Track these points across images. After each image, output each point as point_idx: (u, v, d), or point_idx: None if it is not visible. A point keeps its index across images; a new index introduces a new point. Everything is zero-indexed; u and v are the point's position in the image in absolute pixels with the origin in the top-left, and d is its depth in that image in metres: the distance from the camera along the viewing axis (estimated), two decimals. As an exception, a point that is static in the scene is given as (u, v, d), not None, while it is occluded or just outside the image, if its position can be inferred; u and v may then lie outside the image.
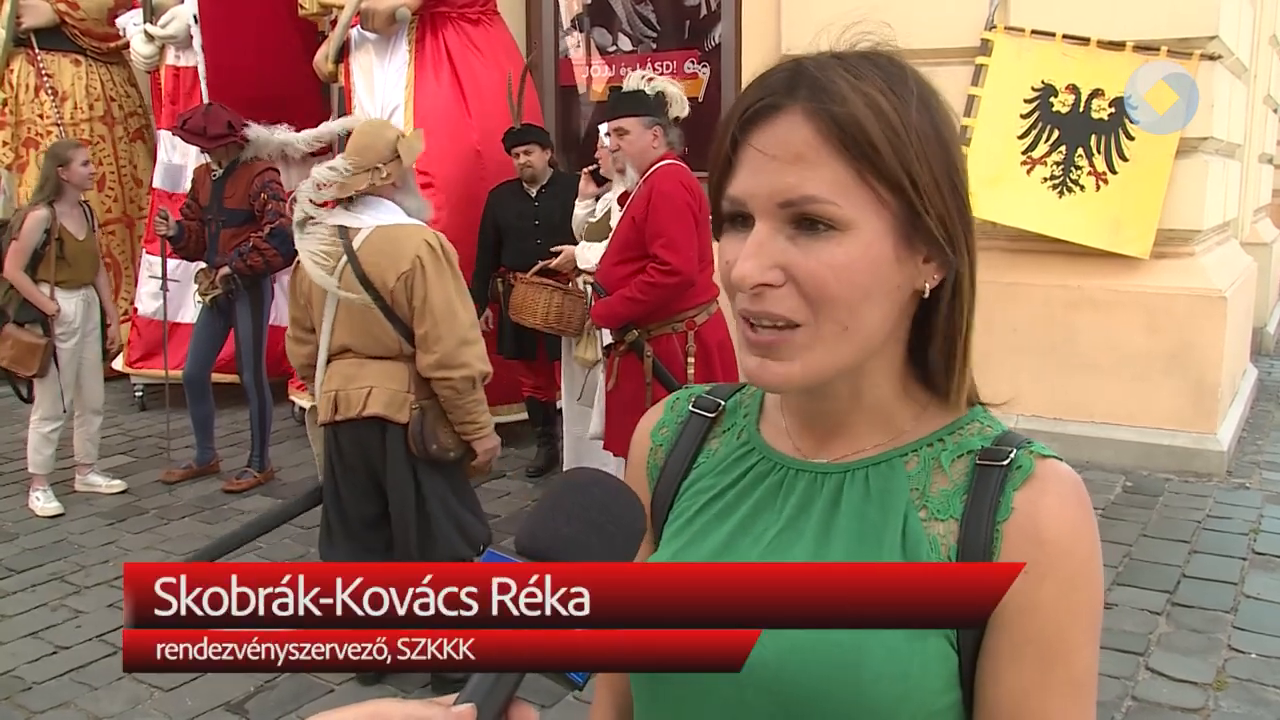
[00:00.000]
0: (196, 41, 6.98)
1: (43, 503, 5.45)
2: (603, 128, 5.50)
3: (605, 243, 5.07)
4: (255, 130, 5.63)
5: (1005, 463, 0.92)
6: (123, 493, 5.68)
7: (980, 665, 0.90)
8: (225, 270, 5.52)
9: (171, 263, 6.21)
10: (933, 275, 0.93)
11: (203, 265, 5.76)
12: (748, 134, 0.91)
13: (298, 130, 5.85)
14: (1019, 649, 0.88)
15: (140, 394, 7.32)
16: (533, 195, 5.64)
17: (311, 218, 3.57)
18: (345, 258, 3.54)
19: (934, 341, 0.96)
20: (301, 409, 6.43)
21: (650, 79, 4.41)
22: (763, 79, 0.92)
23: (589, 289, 4.53)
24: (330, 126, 5.35)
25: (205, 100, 6.56)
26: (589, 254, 4.93)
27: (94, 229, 5.66)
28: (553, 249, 5.27)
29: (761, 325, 0.90)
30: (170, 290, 6.12)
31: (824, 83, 0.88)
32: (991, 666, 0.89)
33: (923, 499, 0.94)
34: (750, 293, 0.90)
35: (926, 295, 0.93)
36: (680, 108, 4.42)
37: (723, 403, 1.10)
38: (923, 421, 0.98)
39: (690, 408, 1.11)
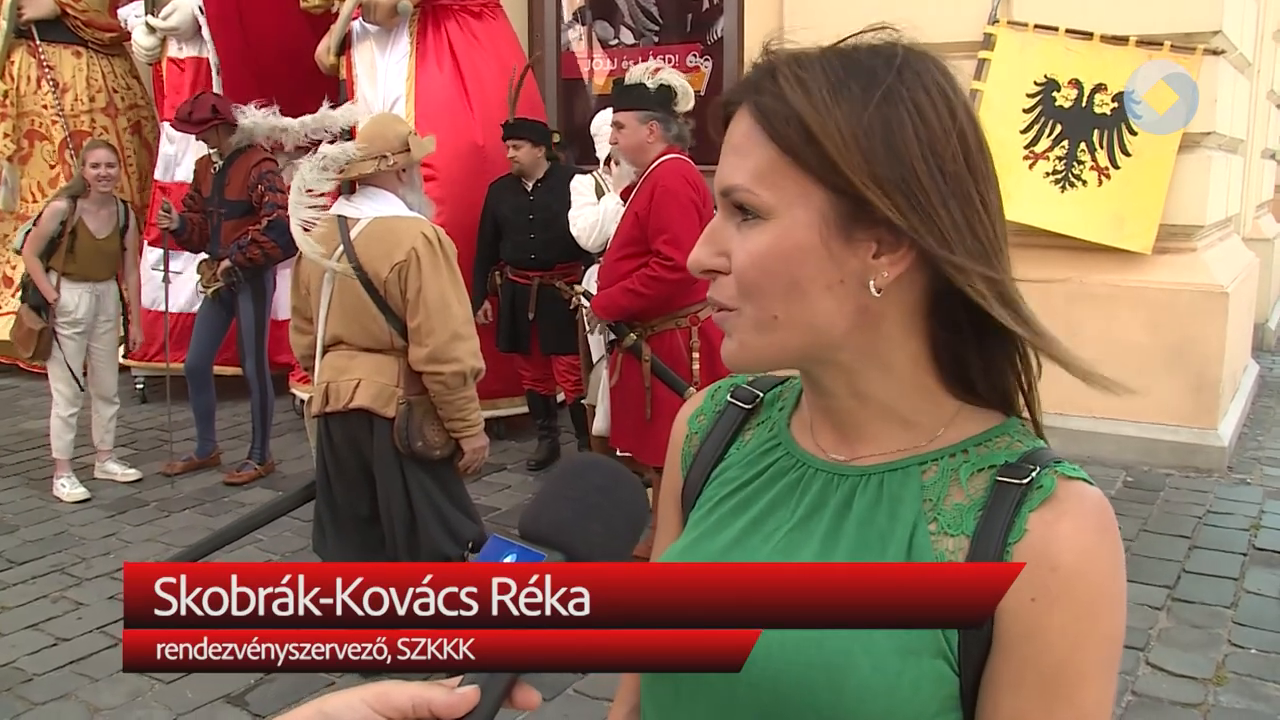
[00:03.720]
0: (205, 31, 6.98)
1: (68, 489, 5.52)
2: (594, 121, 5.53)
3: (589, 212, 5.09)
4: (247, 114, 5.61)
5: (1025, 481, 0.88)
6: (128, 483, 5.71)
7: (981, 689, 0.87)
8: (226, 263, 5.53)
9: (173, 254, 6.21)
10: (882, 273, 0.88)
11: (205, 257, 5.77)
12: (723, 131, 0.95)
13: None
14: (1020, 676, 0.85)
15: (141, 386, 7.33)
16: (529, 189, 5.64)
17: (310, 189, 3.56)
18: (341, 247, 3.53)
19: (952, 347, 0.94)
20: (301, 401, 6.44)
21: (657, 70, 4.36)
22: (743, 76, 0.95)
23: (584, 300, 4.55)
24: (331, 114, 5.34)
25: (210, 91, 6.56)
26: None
27: (124, 230, 5.63)
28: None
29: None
30: (172, 282, 6.11)
31: (765, 75, 0.90)
32: (992, 692, 0.87)
33: (935, 511, 0.91)
34: (700, 277, 0.93)
35: (877, 293, 0.89)
36: (685, 101, 4.38)
37: (761, 395, 1.10)
38: (953, 429, 0.95)
39: (729, 398, 1.11)
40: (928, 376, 0.95)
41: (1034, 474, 0.89)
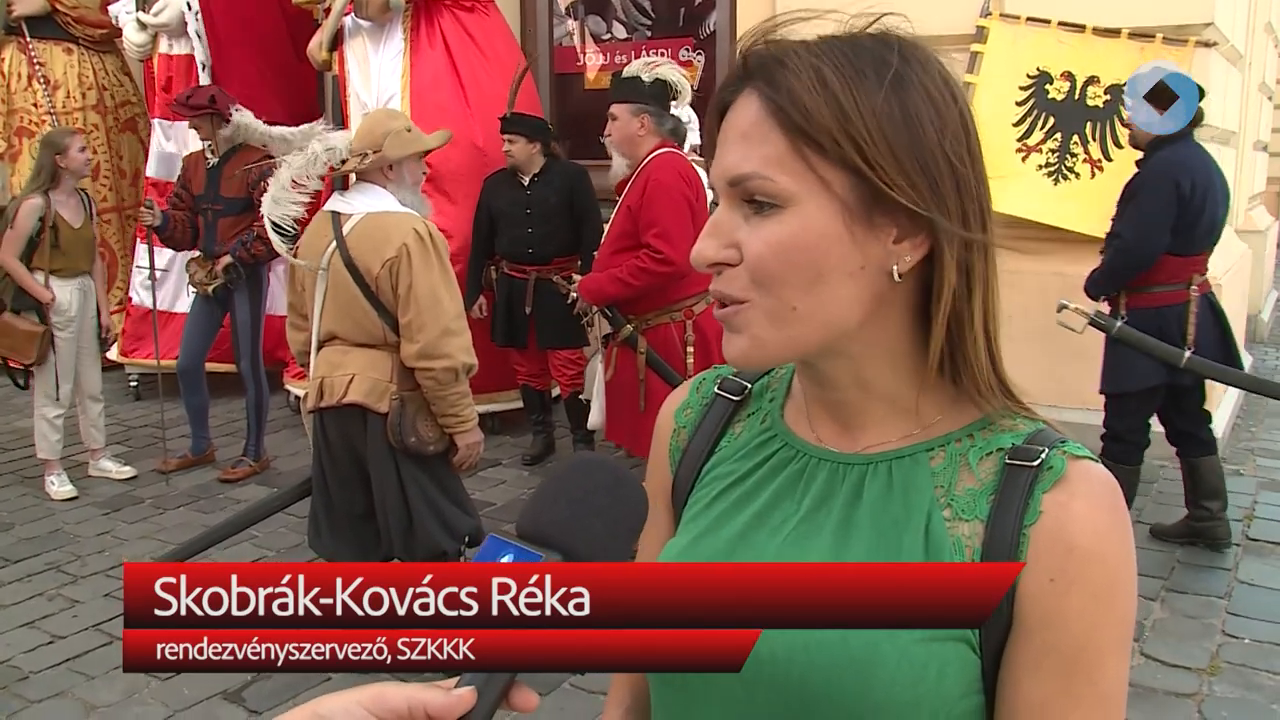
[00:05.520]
0: (192, 28, 6.95)
1: (57, 487, 5.52)
2: None
3: None
4: (243, 116, 5.58)
5: (1036, 463, 0.88)
6: (124, 480, 5.70)
7: (1002, 671, 0.87)
8: (227, 260, 5.50)
9: (163, 253, 6.19)
10: (904, 258, 0.88)
11: (194, 254, 5.74)
12: (718, 121, 0.92)
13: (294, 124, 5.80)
14: (1040, 658, 0.85)
15: (135, 384, 7.31)
16: (525, 183, 5.64)
17: (297, 182, 3.56)
18: (334, 242, 3.53)
19: (933, 331, 0.92)
20: (297, 398, 6.44)
21: (656, 65, 4.36)
22: (735, 64, 0.92)
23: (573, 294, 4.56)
24: (326, 135, 5.29)
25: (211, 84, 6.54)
26: None
27: (92, 217, 5.65)
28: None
29: (724, 303, 0.91)
30: (159, 279, 6.08)
31: (772, 63, 0.88)
32: (1012, 674, 0.87)
33: (948, 497, 0.91)
34: (711, 271, 0.90)
35: (898, 279, 0.88)
36: (683, 96, 4.38)
37: (749, 386, 1.07)
38: (951, 415, 0.94)
39: (716, 390, 1.09)
40: (926, 364, 0.94)
41: (1043, 455, 0.89)
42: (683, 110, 4.91)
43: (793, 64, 0.87)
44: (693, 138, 5.11)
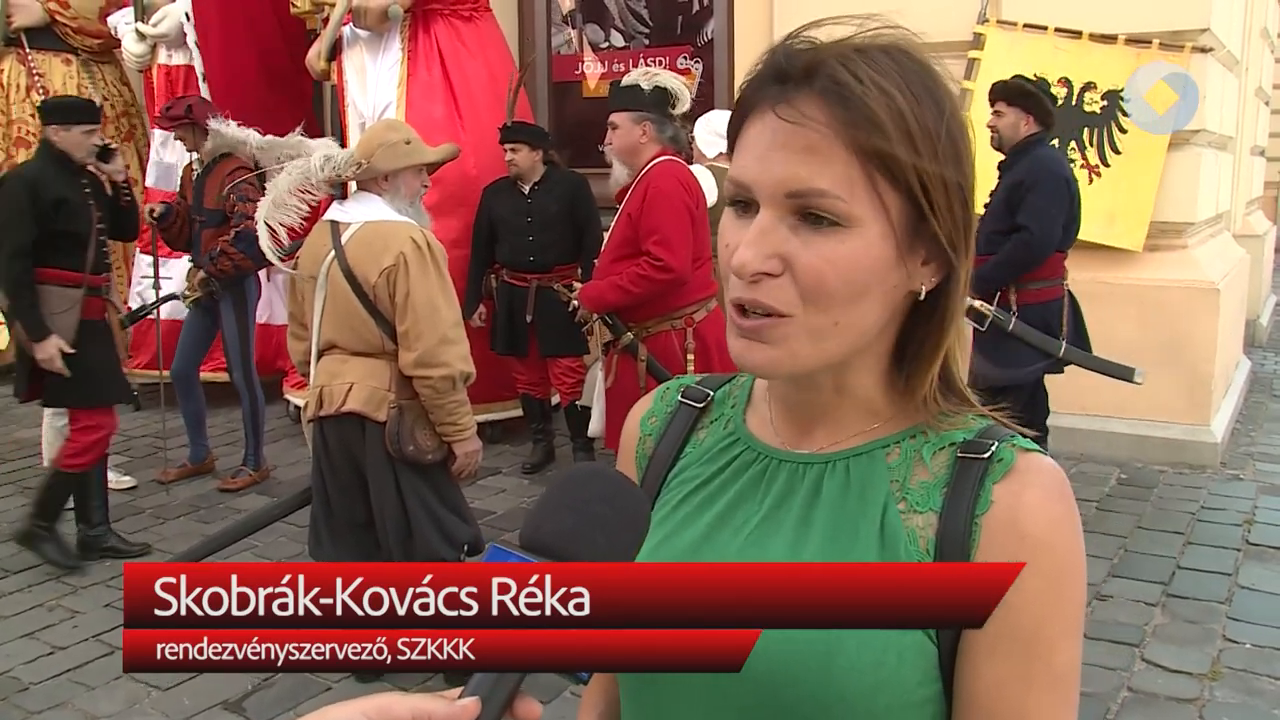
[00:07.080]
0: (190, 39, 6.97)
1: None
2: None
3: None
4: (219, 125, 5.57)
5: (986, 455, 0.91)
6: (124, 490, 5.69)
7: (959, 658, 0.89)
8: (202, 274, 5.54)
9: (163, 261, 6.19)
10: (930, 278, 0.91)
11: (190, 264, 5.77)
12: (757, 115, 0.89)
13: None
14: (997, 643, 0.87)
15: (135, 394, 7.30)
16: (526, 192, 5.65)
17: (298, 190, 3.58)
18: (333, 251, 3.54)
19: (922, 341, 0.94)
20: (296, 407, 6.43)
21: (654, 74, 4.37)
22: (778, 60, 0.89)
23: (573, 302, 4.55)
24: (306, 142, 5.30)
25: (196, 94, 6.55)
26: None
27: None
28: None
29: (753, 312, 0.89)
30: (161, 289, 6.08)
31: (843, 73, 0.85)
32: (969, 660, 0.88)
33: (902, 491, 0.93)
34: (747, 280, 0.88)
35: (923, 298, 0.91)
36: (682, 103, 4.38)
37: (711, 393, 1.10)
38: (906, 413, 0.97)
39: (679, 398, 1.11)
40: (891, 368, 0.97)
41: (993, 448, 0.92)
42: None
43: (864, 79, 0.85)
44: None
